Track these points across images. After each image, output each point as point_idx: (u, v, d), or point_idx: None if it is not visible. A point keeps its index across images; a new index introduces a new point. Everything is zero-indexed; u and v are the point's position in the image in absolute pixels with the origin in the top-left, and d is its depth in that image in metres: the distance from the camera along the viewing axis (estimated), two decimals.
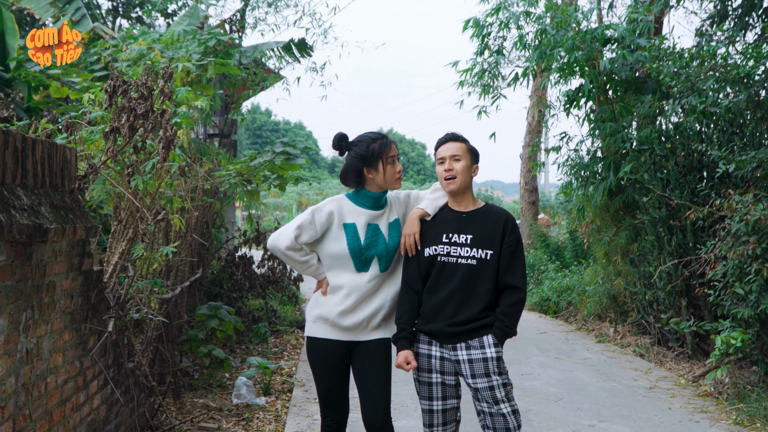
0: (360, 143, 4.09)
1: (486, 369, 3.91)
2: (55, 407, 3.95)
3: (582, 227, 12.20)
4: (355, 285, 4.04)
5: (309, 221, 4.05)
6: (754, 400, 6.78)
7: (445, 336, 3.97)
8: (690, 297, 8.93)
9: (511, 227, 4.03)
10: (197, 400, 6.86)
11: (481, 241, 3.97)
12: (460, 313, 3.94)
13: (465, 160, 4.05)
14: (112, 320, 4.48)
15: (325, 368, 4.10)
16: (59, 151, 3.89)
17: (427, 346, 4.05)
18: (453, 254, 3.98)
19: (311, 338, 4.12)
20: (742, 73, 8.35)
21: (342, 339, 4.06)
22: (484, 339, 3.94)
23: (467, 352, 3.94)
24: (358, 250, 4.02)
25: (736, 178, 8.21)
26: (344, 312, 4.03)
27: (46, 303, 3.73)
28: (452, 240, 4.01)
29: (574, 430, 6.26)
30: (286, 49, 11.88)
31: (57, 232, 3.63)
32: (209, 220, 8.76)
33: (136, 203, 4.36)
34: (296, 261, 4.11)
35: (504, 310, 3.95)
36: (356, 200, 4.13)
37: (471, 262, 3.95)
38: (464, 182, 4.05)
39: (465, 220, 4.05)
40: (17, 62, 7.77)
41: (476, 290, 3.95)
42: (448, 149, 4.09)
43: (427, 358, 4.04)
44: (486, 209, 4.11)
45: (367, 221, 4.08)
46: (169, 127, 4.37)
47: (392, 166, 4.06)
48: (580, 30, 10.26)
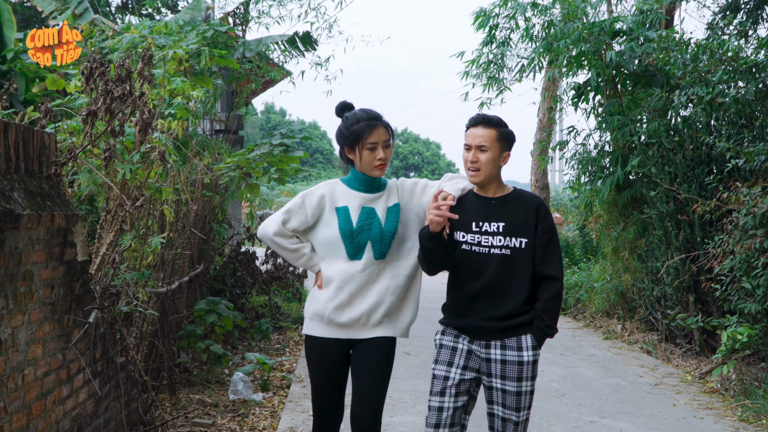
0: (347, 119, 3.83)
1: (519, 373, 3.65)
2: (34, 400, 3.85)
3: (590, 223, 12.07)
4: (348, 275, 3.76)
5: (299, 205, 3.84)
6: (760, 397, 6.63)
7: (480, 332, 3.70)
8: (698, 293, 8.78)
9: (545, 213, 3.75)
10: (193, 396, 6.76)
11: (514, 228, 3.69)
12: (498, 307, 3.67)
13: (492, 151, 3.70)
14: (94, 312, 4.37)
15: (321, 368, 3.85)
16: (36, 135, 3.79)
17: (454, 339, 3.78)
18: (484, 244, 3.69)
19: (308, 336, 3.89)
20: (751, 63, 8.20)
21: (340, 337, 3.81)
22: (523, 340, 3.68)
23: (502, 351, 3.67)
24: (350, 233, 3.76)
25: (744, 171, 8.05)
26: (339, 306, 3.77)
27: (23, 292, 3.63)
28: (483, 228, 3.71)
29: (575, 427, 6.14)
30: (291, 42, 11.76)
31: (31, 218, 3.53)
32: (209, 214, 8.67)
33: (116, 189, 4.26)
34: (286, 249, 3.88)
35: (544, 306, 3.67)
36: (349, 183, 3.88)
37: (505, 252, 3.67)
38: (488, 175, 3.72)
39: (494, 207, 3.75)
40: (14, 53, 7.69)
41: (513, 282, 3.67)
42: (475, 136, 3.74)
43: (451, 351, 3.75)
44: (516, 195, 3.81)
45: (360, 204, 3.83)
46: (146, 110, 4.25)
47: (371, 152, 3.75)
48: (588, 21, 10.12)
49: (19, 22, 16.73)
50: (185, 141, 7.39)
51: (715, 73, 8.63)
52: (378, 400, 3.80)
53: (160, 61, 6.24)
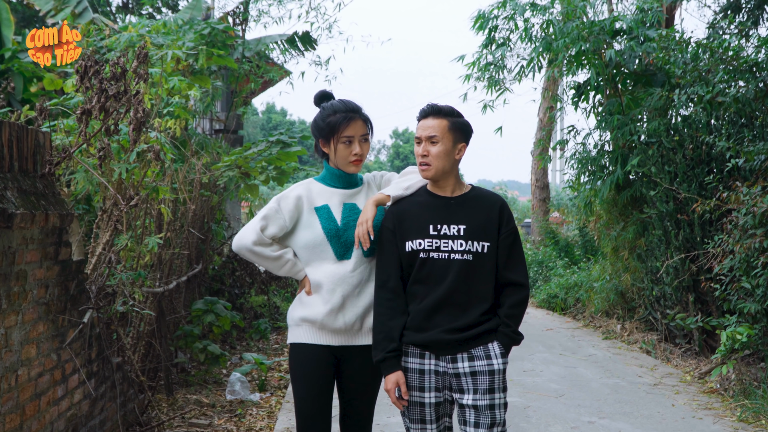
0: (324, 110, 3.59)
1: (491, 383, 3.33)
2: (28, 401, 3.84)
3: (591, 222, 12.05)
4: (339, 277, 3.50)
5: (275, 210, 3.56)
6: (759, 397, 6.60)
7: (444, 346, 3.36)
8: (697, 292, 8.75)
9: (508, 214, 3.45)
10: (190, 396, 6.74)
11: (476, 231, 3.36)
12: (460, 318, 3.34)
13: (444, 143, 3.38)
14: (89, 312, 4.35)
15: (310, 378, 3.53)
16: (30, 134, 3.77)
17: (419, 360, 3.41)
18: (444, 248, 3.35)
19: (296, 345, 3.57)
20: (752, 62, 8.17)
21: (331, 344, 3.53)
22: (491, 347, 3.37)
23: (470, 363, 3.35)
24: (336, 232, 3.51)
25: (744, 171, 8.02)
26: (333, 311, 3.49)
27: (16, 292, 3.61)
28: (442, 232, 3.37)
29: (573, 427, 6.11)
30: (290, 42, 11.77)
31: (24, 217, 3.51)
32: (207, 214, 8.65)
33: (110, 188, 4.24)
34: (268, 258, 3.56)
35: (508, 312, 3.39)
36: (325, 180, 3.65)
37: (466, 257, 3.34)
38: (440, 169, 3.40)
39: (454, 207, 3.42)
40: (12, 53, 7.69)
41: (476, 289, 3.36)
42: (425, 128, 3.42)
43: (419, 375, 3.40)
44: (476, 193, 3.49)
45: (341, 201, 3.59)
46: (141, 109, 4.22)
47: (346, 146, 3.52)
48: (587, 20, 10.10)
49: (19, 21, 16.74)
50: (183, 140, 7.38)
51: (715, 72, 8.61)
52: (369, 418, 3.65)
53: (158, 60, 6.22)
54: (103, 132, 4.24)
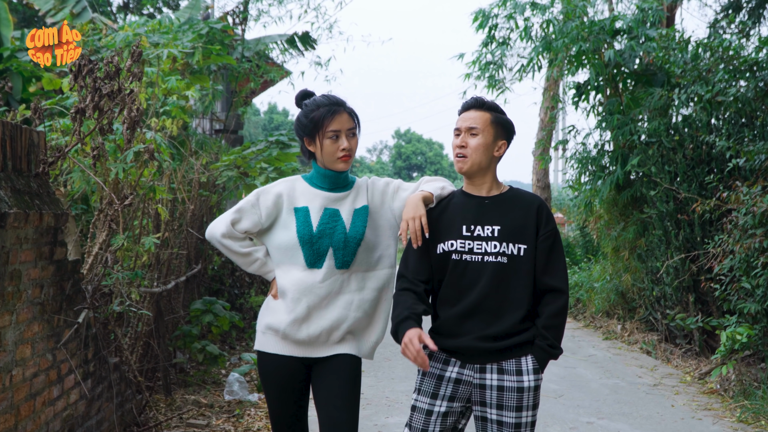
0: (307, 105, 3.36)
1: (519, 401, 3.09)
2: (23, 401, 3.82)
3: (591, 222, 12.04)
4: (306, 286, 3.26)
5: (251, 204, 3.35)
6: (759, 398, 6.58)
7: (474, 353, 3.14)
8: (697, 293, 8.73)
9: (547, 215, 3.23)
10: (189, 397, 6.73)
11: (512, 233, 3.16)
12: (493, 325, 3.12)
13: (484, 136, 3.19)
14: (84, 312, 4.33)
15: (276, 389, 3.33)
16: (24, 134, 3.75)
17: (441, 366, 3.20)
18: (477, 250, 3.15)
19: (261, 353, 3.36)
20: (751, 61, 8.16)
21: (296, 355, 3.29)
22: (523, 362, 3.13)
23: (499, 376, 3.12)
24: (309, 238, 3.27)
25: (745, 171, 8.01)
26: (297, 321, 3.25)
27: (10, 292, 3.59)
28: (475, 233, 3.17)
29: (572, 428, 6.09)
30: (290, 42, 11.76)
31: (18, 217, 3.50)
32: (207, 213, 8.64)
33: (104, 187, 4.22)
34: (236, 253, 3.38)
35: (547, 323, 3.14)
36: (312, 180, 3.41)
37: (501, 260, 3.13)
38: (477, 163, 3.20)
39: (488, 208, 3.22)
40: (10, 52, 7.68)
41: (511, 295, 3.14)
42: (465, 119, 3.24)
43: (436, 381, 3.18)
44: (513, 194, 3.28)
45: (323, 205, 3.34)
46: (134, 108, 4.21)
47: (333, 141, 3.29)
48: (588, 20, 10.08)
49: (20, 21, 16.75)
50: (182, 140, 7.37)
51: (716, 72, 8.59)
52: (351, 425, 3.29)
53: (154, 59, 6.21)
54: (97, 131, 4.22)
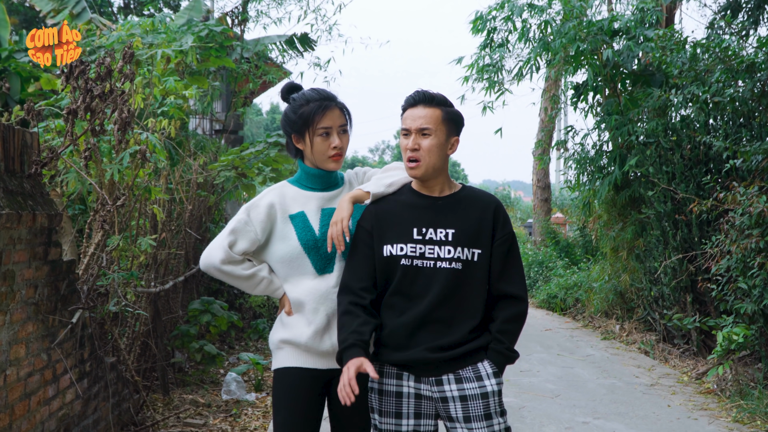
0: (295, 101, 3.15)
1: (486, 408, 2.88)
2: (17, 400, 3.84)
3: (590, 223, 12.05)
4: (321, 293, 3.06)
5: (245, 222, 3.11)
6: (755, 398, 6.58)
7: (426, 366, 2.91)
8: (695, 293, 8.74)
9: (503, 218, 3.00)
10: (186, 396, 6.75)
11: (467, 237, 2.93)
12: (445, 335, 2.90)
13: (437, 135, 2.94)
14: (79, 312, 4.35)
15: (296, 406, 3.07)
16: (17, 134, 3.77)
17: (396, 381, 2.96)
18: (429, 255, 2.92)
19: (281, 370, 3.12)
20: (749, 62, 8.16)
21: (320, 367, 3.08)
22: (480, 367, 2.92)
23: (458, 386, 2.90)
24: (314, 243, 3.07)
25: (742, 171, 8.01)
26: (318, 332, 3.05)
27: (3, 292, 3.61)
28: (427, 236, 2.94)
29: (567, 428, 6.10)
30: (289, 43, 11.77)
31: (11, 217, 3.52)
32: (205, 214, 8.66)
33: (96, 188, 4.24)
34: (240, 277, 3.11)
35: (502, 327, 2.94)
36: (300, 183, 3.20)
37: (455, 266, 2.91)
38: (432, 166, 2.95)
39: (441, 209, 2.98)
40: (8, 53, 7.70)
41: (465, 303, 2.93)
42: (415, 118, 2.96)
43: (395, 399, 2.96)
44: (468, 193, 3.05)
45: (319, 206, 3.14)
46: (125, 109, 4.22)
47: (324, 139, 3.08)
48: (586, 20, 10.09)
49: (21, 22, 16.77)
50: (180, 141, 7.38)
51: (713, 72, 8.59)
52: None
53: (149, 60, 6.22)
54: (89, 132, 4.24)
